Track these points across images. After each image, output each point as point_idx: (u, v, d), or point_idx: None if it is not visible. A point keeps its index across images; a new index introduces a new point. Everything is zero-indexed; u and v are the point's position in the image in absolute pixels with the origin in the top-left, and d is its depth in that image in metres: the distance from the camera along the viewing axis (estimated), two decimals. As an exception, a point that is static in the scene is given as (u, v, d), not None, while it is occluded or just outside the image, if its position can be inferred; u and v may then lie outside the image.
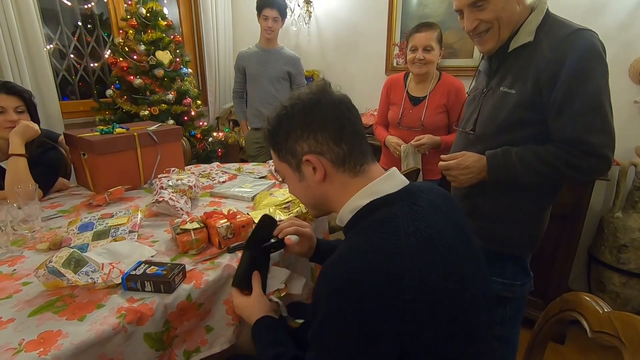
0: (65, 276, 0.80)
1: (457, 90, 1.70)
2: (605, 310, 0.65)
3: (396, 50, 2.46)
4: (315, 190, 0.71)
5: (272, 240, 0.90)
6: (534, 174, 0.97)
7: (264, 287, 0.86)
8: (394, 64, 2.52)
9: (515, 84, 0.98)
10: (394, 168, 0.70)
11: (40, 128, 1.41)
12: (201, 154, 2.76)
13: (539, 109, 0.95)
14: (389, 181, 0.67)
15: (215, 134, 2.96)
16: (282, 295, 0.88)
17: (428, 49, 1.63)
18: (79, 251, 0.85)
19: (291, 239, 0.98)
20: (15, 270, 0.93)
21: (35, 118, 1.42)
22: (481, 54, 1.13)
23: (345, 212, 0.68)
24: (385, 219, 0.60)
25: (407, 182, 0.68)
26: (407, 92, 1.79)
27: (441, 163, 1.13)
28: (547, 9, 0.98)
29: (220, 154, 2.95)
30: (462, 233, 0.66)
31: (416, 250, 0.55)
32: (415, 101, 1.76)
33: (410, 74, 1.80)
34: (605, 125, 0.90)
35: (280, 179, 1.63)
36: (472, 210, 1.10)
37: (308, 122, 0.66)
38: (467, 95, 1.22)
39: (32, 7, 2.15)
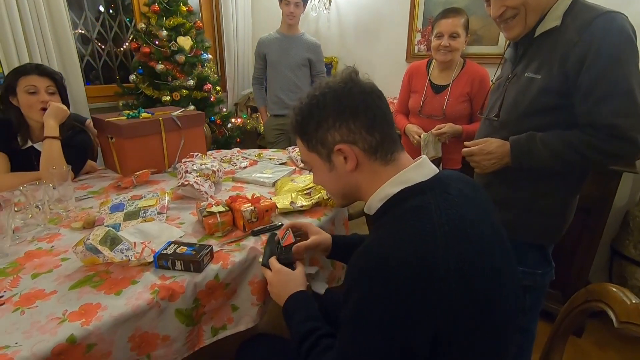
0: (102, 253, 0.84)
1: (481, 78, 1.66)
2: (634, 301, 0.65)
3: (418, 37, 2.42)
4: (346, 180, 0.71)
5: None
6: (559, 159, 0.95)
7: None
8: (415, 51, 2.47)
9: (541, 69, 0.97)
10: (424, 156, 0.70)
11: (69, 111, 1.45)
12: (220, 140, 2.79)
13: (565, 94, 0.93)
14: (419, 169, 0.67)
15: (233, 120, 2.99)
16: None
17: (454, 36, 1.59)
18: (113, 230, 0.89)
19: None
20: (53, 246, 0.98)
21: (65, 100, 1.46)
22: (507, 42, 1.11)
23: (375, 201, 0.68)
24: (417, 207, 0.60)
25: (437, 170, 0.68)
26: (429, 79, 1.76)
27: (464, 150, 1.13)
28: None
29: (238, 140, 2.98)
30: (492, 223, 0.66)
31: (450, 238, 0.55)
32: (438, 89, 1.74)
33: (434, 61, 1.76)
34: (634, 108, 0.86)
35: (301, 166, 1.65)
36: (495, 198, 1.09)
37: (340, 110, 0.66)
38: (491, 83, 1.20)
39: (58, -9, 2.19)
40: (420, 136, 1.71)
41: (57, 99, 1.41)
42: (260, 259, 0.91)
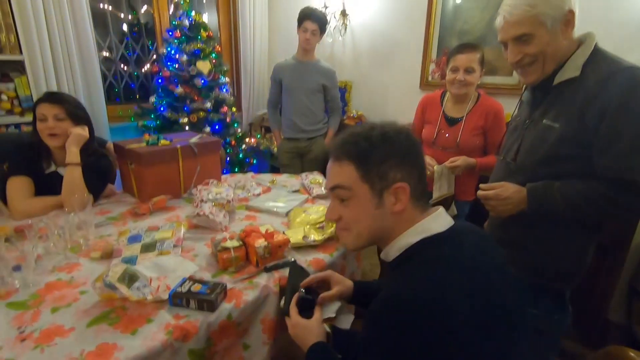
0: (119, 290, 0.86)
1: (495, 112, 1.67)
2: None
3: (432, 67, 2.44)
4: (385, 221, 0.71)
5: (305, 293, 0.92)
6: (576, 210, 0.95)
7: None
8: (429, 79, 2.50)
9: (559, 118, 0.97)
10: (441, 208, 0.73)
11: (92, 134, 1.50)
12: (234, 161, 2.84)
13: (583, 145, 0.94)
14: (437, 220, 0.70)
15: (247, 140, 3.04)
16: (330, 326, 0.90)
17: (469, 71, 1.61)
18: (132, 267, 0.91)
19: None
20: (72, 277, 1.01)
21: (81, 123, 1.46)
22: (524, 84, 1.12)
23: (393, 249, 0.71)
24: (437, 257, 0.64)
25: (453, 222, 0.71)
26: (443, 111, 1.77)
27: (480, 192, 1.13)
28: (596, 44, 0.96)
29: (252, 161, 3.02)
30: (505, 275, 0.68)
31: (466, 287, 0.59)
32: (452, 122, 1.74)
33: (448, 93, 1.78)
34: None
35: (314, 195, 1.66)
36: (512, 240, 1.09)
37: (408, 153, 0.70)
38: (507, 122, 1.21)
39: (85, 14, 2.27)
40: (432, 167, 1.71)
41: (67, 125, 1.42)
42: (282, 303, 0.92)
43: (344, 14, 2.74)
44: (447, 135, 1.74)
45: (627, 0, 1.74)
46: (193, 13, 2.50)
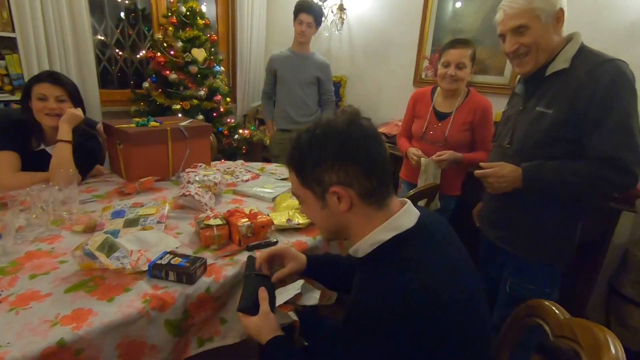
0: (98, 259, 0.87)
1: (484, 109, 1.69)
2: (566, 316, 0.72)
3: (426, 63, 2.47)
4: (337, 219, 0.71)
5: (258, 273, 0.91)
6: (566, 186, 1.04)
7: (272, 305, 0.83)
8: (422, 76, 2.52)
9: (552, 105, 1.07)
10: (409, 201, 0.72)
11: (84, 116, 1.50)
12: (226, 150, 2.84)
13: (574, 128, 1.03)
14: (407, 215, 0.69)
15: (241, 131, 3.04)
16: (298, 306, 0.88)
17: (460, 66, 1.63)
18: (112, 237, 0.92)
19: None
20: (53, 248, 1.01)
21: (79, 106, 1.50)
22: (518, 77, 1.25)
23: (365, 245, 0.70)
24: (408, 259, 0.64)
25: (419, 213, 0.71)
26: (433, 106, 1.79)
27: (478, 171, 1.21)
28: (582, 42, 1.07)
29: (244, 151, 3.03)
30: (468, 260, 0.72)
31: (441, 282, 0.61)
32: (441, 116, 1.76)
33: (438, 88, 1.80)
34: (633, 143, 0.97)
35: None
36: (508, 222, 1.22)
37: (341, 154, 0.66)
38: (496, 122, 1.28)
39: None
40: (419, 157, 1.74)
41: (68, 106, 1.44)
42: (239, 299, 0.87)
43: (341, 8, 2.75)
44: (435, 128, 1.76)
45: (614, 7, 1.79)
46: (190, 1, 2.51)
